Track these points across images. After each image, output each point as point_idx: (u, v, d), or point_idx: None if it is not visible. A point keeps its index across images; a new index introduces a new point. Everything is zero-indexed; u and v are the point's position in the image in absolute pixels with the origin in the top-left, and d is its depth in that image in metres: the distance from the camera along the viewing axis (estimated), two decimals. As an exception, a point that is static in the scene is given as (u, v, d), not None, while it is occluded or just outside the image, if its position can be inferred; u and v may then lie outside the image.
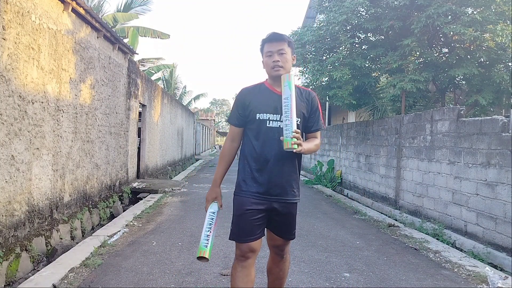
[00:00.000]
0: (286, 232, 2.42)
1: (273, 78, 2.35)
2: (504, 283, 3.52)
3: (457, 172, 5.39)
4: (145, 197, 8.11)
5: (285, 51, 2.32)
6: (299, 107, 2.31)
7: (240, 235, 2.32)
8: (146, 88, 10.26)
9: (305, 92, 2.44)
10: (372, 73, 9.17)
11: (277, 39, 2.33)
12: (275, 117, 2.29)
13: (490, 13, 6.66)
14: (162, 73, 22.50)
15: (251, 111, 2.33)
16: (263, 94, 2.36)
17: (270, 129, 2.29)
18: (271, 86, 2.38)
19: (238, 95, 2.43)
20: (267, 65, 2.35)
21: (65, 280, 3.35)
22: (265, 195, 2.30)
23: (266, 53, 2.35)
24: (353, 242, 4.96)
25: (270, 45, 2.33)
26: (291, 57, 2.37)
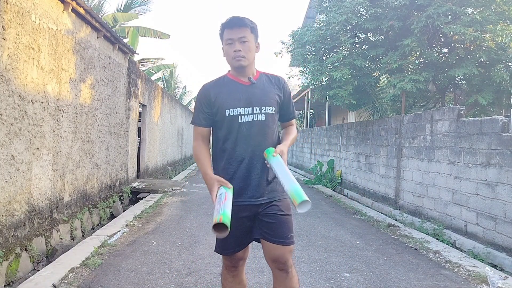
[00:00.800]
0: (281, 234, 2.08)
1: (236, 69, 2.11)
2: (504, 283, 3.52)
3: (457, 172, 5.39)
4: (145, 197, 8.11)
5: (248, 38, 2.05)
6: (271, 94, 2.12)
7: (226, 248, 2.13)
8: (146, 88, 10.26)
9: (274, 78, 2.20)
10: (372, 73, 9.17)
11: (238, 25, 2.05)
12: (247, 110, 2.06)
13: (490, 13, 6.67)
14: (162, 73, 22.50)
15: (218, 108, 2.08)
16: (229, 87, 2.11)
17: (243, 125, 2.06)
18: (235, 78, 2.13)
19: (200, 92, 2.16)
20: (227, 54, 2.08)
21: (65, 280, 3.35)
22: (248, 199, 2.07)
23: (226, 41, 2.07)
24: (353, 242, 4.96)
25: (231, 32, 2.05)
26: (254, 45, 2.10)
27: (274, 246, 2.07)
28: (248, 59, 2.07)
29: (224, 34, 2.09)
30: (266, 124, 2.09)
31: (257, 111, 2.08)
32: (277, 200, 2.11)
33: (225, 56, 2.12)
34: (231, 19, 2.07)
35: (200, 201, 7.76)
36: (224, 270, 2.25)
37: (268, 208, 2.08)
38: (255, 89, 2.11)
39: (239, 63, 2.06)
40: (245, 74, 2.12)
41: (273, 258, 2.10)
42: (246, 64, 2.08)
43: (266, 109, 2.09)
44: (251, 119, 2.07)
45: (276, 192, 2.12)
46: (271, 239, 2.08)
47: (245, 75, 2.12)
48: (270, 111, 2.10)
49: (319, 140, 13.40)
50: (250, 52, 2.07)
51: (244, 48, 2.05)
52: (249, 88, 2.10)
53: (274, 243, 2.07)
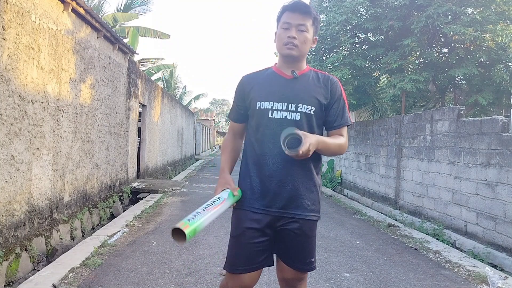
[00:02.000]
0: (296, 259, 1.80)
1: (284, 57, 1.85)
2: (504, 283, 3.52)
3: (457, 172, 5.39)
4: (145, 197, 8.11)
5: (307, 28, 1.79)
6: (313, 92, 1.83)
7: (234, 264, 1.79)
8: (146, 88, 10.26)
9: (323, 77, 1.89)
10: (372, 73, 9.18)
11: (302, 11, 1.78)
12: (280, 106, 1.79)
13: (490, 13, 6.67)
14: (162, 73, 22.50)
15: (251, 100, 1.85)
16: (268, 79, 1.87)
17: (272, 121, 1.79)
18: (278, 70, 1.88)
19: (238, 83, 1.95)
20: (279, 39, 1.82)
21: (65, 280, 3.35)
22: (266, 208, 1.78)
23: (283, 24, 1.80)
24: (353, 242, 4.96)
25: (291, 16, 1.79)
26: (312, 38, 1.84)
27: (286, 268, 1.84)
28: (300, 50, 1.80)
29: (282, 17, 1.82)
30: (300, 124, 1.76)
31: (292, 108, 1.79)
32: (301, 217, 1.79)
33: (275, 41, 1.86)
34: (296, 2, 1.80)
35: (200, 201, 7.75)
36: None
37: (287, 225, 1.78)
38: (296, 84, 1.83)
39: (290, 51, 1.79)
40: (291, 66, 1.85)
41: (282, 278, 1.88)
42: (297, 55, 1.81)
43: (303, 108, 1.79)
44: (284, 116, 1.79)
45: (301, 209, 1.80)
46: (285, 259, 1.83)
47: (291, 67, 1.85)
48: (307, 110, 1.80)
49: (319, 140, 13.39)
50: (305, 44, 1.81)
51: (300, 37, 1.78)
52: (289, 82, 1.83)
53: (289, 266, 1.83)
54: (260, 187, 1.80)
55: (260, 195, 1.80)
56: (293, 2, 1.81)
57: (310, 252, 1.83)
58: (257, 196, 1.80)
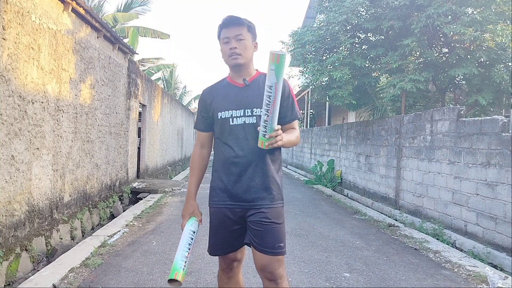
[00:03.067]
0: (266, 244, 1.99)
1: (232, 68, 2.07)
2: (504, 283, 3.52)
3: (457, 172, 5.39)
4: (145, 197, 8.11)
5: (244, 36, 2.01)
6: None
7: (218, 248, 2.15)
8: (146, 88, 10.26)
9: None
10: (372, 73, 9.17)
11: (235, 24, 2.02)
12: (238, 113, 2.02)
13: (490, 13, 6.67)
14: (162, 73, 22.51)
15: (213, 111, 2.08)
16: (224, 90, 2.10)
17: (234, 127, 2.03)
18: (232, 80, 2.11)
19: (200, 97, 2.20)
20: (224, 53, 2.05)
21: (65, 280, 3.35)
22: (238, 202, 2.04)
23: (223, 40, 2.04)
24: (353, 242, 4.96)
25: (227, 31, 2.02)
26: (251, 43, 2.07)
27: (261, 255, 2.01)
28: (244, 57, 2.02)
29: (221, 34, 2.06)
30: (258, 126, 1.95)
31: (248, 113, 2.02)
32: (266, 207, 2.02)
33: (222, 56, 2.08)
34: (227, 18, 2.04)
35: (200, 201, 7.71)
36: (219, 270, 2.24)
37: (255, 215, 2.01)
38: (248, 91, 2.05)
39: (235, 61, 2.01)
40: (241, 75, 2.08)
41: (260, 266, 2.04)
42: (243, 62, 2.03)
43: (258, 111, 2.00)
44: (243, 121, 2.02)
45: (265, 200, 2.03)
46: (257, 247, 2.02)
47: (242, 75, 2.08)
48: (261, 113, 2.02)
49: (319, 140, 13.40)
50: (246, 50, 2.02)
51: (240, 45, 2.01)
52: (242, 90, 2.06)
53: (261, 252, 2.01)
54: (231, 185, 2.05)
55: (231, 192, 2.06)
56: (225, 18, 2.05)
57: (279, 237, 2.02)
58: (229, 193, 2.07)
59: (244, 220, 2.06)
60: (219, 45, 2.11)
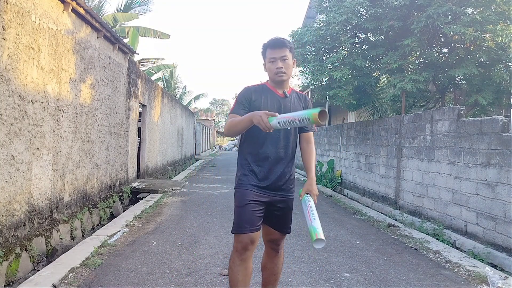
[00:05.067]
0: (283, 225, 2.54)
1: (277, 83, 2.48)
2: (504, 283, 3.52)
3: (457, 172, 5.39)
4: (145, 197, 8.11)
5: (288, 57, 2.43)
6: (297, 108, 2.49)
7: (242, 226, 2.38)
8: (146, 88, 10.26)
9: (302, 96, 2.62)
10: (372, 73, 9.17)
11: (280, 46, 2.42)
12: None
13: (490, 13, 6.66)
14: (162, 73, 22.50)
15: (256, 107, 2.39)
16: (267, 94, 2.48)
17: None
18: (273, 88, 2.50)
19: (243, 91, 2.51)
20: (270, 70, 2.46)
21: (65, 280, 3.35)
22: (266, 190, 2.43)
23: (269, 59, 2.44)
24: (353, 242, 4.96)
25: (273, 51, 2.42)
26: (292, 62, 2.48)
27: (274, 231, 2.54)
28: (287, 74, 2.46)
29: (267, 53, 2.47)
30: (290, 132, 2.48)
31: None
32: (288, 197, 2.51)
33: (267, 71, 2.50)
34: (274, 40, 2.45)
35: (200, 201, 7.76)
36: (233, 253, 2.42)
37: (280, 202, 2.48)
38: (287, 102, 2.49)
39: (281, 78, 2.43)
40: (281, 87, 2.50)
41: (270, 239, 2.57)
42: (286, 79, 2.46)
43: None
44: None
45: (287, 191, 2.51)
46: (274, 226, 2.53)
47: (282, 88, 2.50)
48: None
49: (319, 140, 13.40)
50: (289, 68, 2.45)
51: (285, 65, 2.43)
52: (283, 99, 2.48)
53: (275, 229, 2.54)
54: (261, 174, 2.44)
55: (261, 180, 2.44)
56: (272, 40, 2.46)
57: (290, 220, 2.59)
58: (259, 181, 2.44)
59: (266, 205, 2.45)
60: (263, 60, 2.53)
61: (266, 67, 2.51)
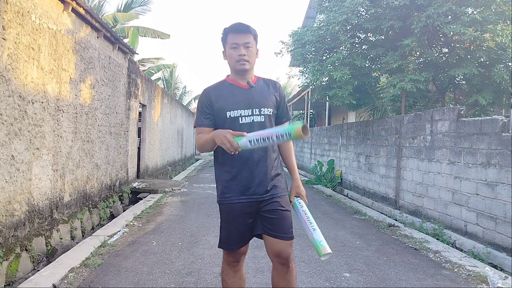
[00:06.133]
0: (283, 229, 2.20)
1: (237, 72, 2.21)
2: (504, 283, 3.52)
3: (457, 172, 5.39)
4: (145, 197, 8.11)
5: (251, 44, 2.18)
6: (268, 96, 2.24)
7: (230, 243, 2.23)
8: (146, 88, 10.26)
9: (270, 82, 2.33)
10: (372, 73, 9.17)
11: (244, 31, 2.17)
12: (246, 112, 2.16)
13: (490, 13, 6.66)
14: (162, 73, 22.52)
15: (220, 109, 2.16)
16: (229, 90, 2.21)
17: (243, 126, 2.13)
18: (235, 81, 2.23)
19: (202, 95, 2.26)
20: (231, 57, 2.18)
21: (65, 280, 3.35)
22: (251, 195, 2.17)
23: (231, 45, 2.17)
24: (353, 242, 4.96)
25: (236, 37, 2.16)
26: (255, 51, 2.24)
27: (276, 241, 2.17)
28: (251, 63, 2.20)
29: (228, 38, 2.19)
30: (265, 124, 2.18)
31: (256, 112, 2.18)
32: (279, 196, 2.22)
33: (227, 59, 2.22)
34: (237, 24, 2.19)
35: (200, 201, 7.75)
36: (225, 265, 2.32)
37: (269, 204, 2.18)
38: (254, 92, 2.22)
39: (243, 66, 2.17)
40: (245, 78, 2.22)
41: (275, 252, 2.18)
42: (249, 68, 2.19)
43: (265, 111, 2.20)
44: (251, 120, 2.16)
45: (277, 189, 2.23)
46: (273, 234, 2.18)
47: (245, 78, 2.22)
48: (268, 112, 2.21)
49: (319, 140, 13.40)
50: (252, 57, 2.20)
51: (248, 53, 2.17)
52: (248, 91, 2.21)
53: (276, 237, 2.17)
54: (245, 181, 2.16)
55: (244, 188, 2.16)
56: (234, 25, 2.19)
57: (290, 222, 2.23)
58: (242, 189, 2.17)
59: (257, 213, 2.20)
60: (223, 47, 2.24)
61: (226, 55, 2.22)
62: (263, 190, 2.18)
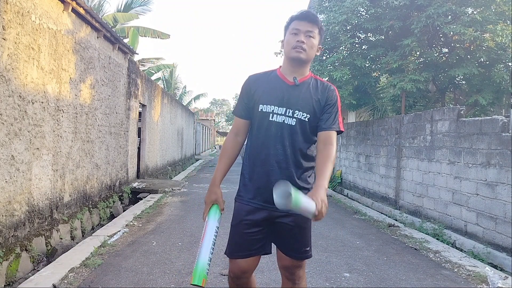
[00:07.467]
0: (293, 248, 1.97)
1: (291, 61, 1.95)
2: (504, 283, 3.52)
3: (457, 172, 5.39)
4: (145, 197, 8.11)
5: (314, 35, 1.93)
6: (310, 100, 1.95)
7: (232, 250, 2.00)
8: (146, 88, 10.26)
9: (322, 84, 2.02)
10: (372, 73, 9.18)
11: (310, 20, 1.93)
12: (280, 110, 1.93)
13: (490, 13, 6.67)
14: (162, 73, 22.50)
15: (255, 101, 1.98)
16: (271, 82, 1.99)
17: (272, 124, 1.94)
18: (281, 75, 2.00)
19: (244, 82, 2.07)
20: (288, 43, 1.94)
21: (65, 280, 3.35)
22: (263, 203, 1.93)
23: (292, 30, 1.93)
24: (353, 242, 4.96)
25: (300, 23, 1.92)
26: (317, 43, 1.97)
27: (284, 256, 2.02)
28: (308, 54, 1.93)
29: (291, 25, 1.96)
30: (295, 130, 1.93)
31: (289, 113, 1.94)
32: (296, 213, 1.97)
33: (284, 46, 1.99)
34: (304, 12, 1.96)
35: (200, 201, 7.75)
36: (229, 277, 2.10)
37: (283, 218, 1.93)
38: (296, 91, 1.95)
39: (298, 54, 1.90)
40: (295, 71, 1.97)
41: (282, 266, 2.06)
42: (305, 58, 1.93)
43: (299, 114, 1.93)
44: (282, 120, 1.93)
45: None
46: (282, 249, 2.02)
47: (295, 72, 1.97)
48: (302, 117, 1.94)
49: (319, 140, 13.39)
50: (312, 49, 1.94)
51: (308, 42, 1.91)
52: (290, 88, 1.96)
53: (284, 253, 2.01)
54: (259, 183, 1.95)
55: (258, 190, 1.95)
56: (301, 11, 1.96)
57: (305, 242, 1.99)
58: (256, 192, 1.96)
59: (268, 222, 1.96)
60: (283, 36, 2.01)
61: (284, 41, 1.98)
62: None
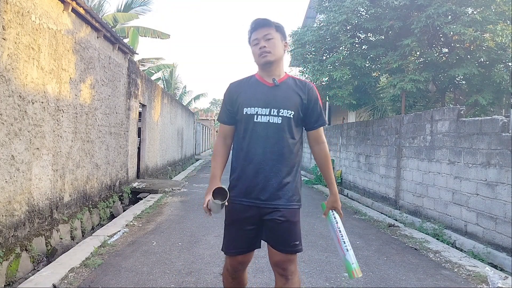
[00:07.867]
0: (283, 243, 2.06)
1: (262, 67, 2.10)
2: (504, 283, 3.52)
3: (457, 172, 5.39)
4: (145, 197, 8.11)
5: (272, 35, 2.06)
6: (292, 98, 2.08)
7: (228, 247, 2.14)
8: (146, 88, 10.26)
9: (301, 82, 2.16)
10: (372, 73, 9.18)
11: (263, 25, 2.07)
12: (264, 111, 2.05)
13: (490, 13, 6.67)
14: (162, 73, 22.50)
15: (238, 106, 2.10)
16: (252, 87, 2.12)
17: (258, 125, 2.05)
18: (261, 78, 2.14)
19: (226, 90, 2.20)
20: (254, 54, 2.10)
21: (65, 280, 3.35)
22: (253, 200, 2.05)
23: (253, 42, 2.10)
24: (353, 242, 4.96)
25: (256, 33, 2.08)
26: (281, 42, 2.11)
27: (275, 252, 2.08)
28: (274, 54, 2.05)
29: (251, 37, 2.12)
30: (282, 127, 2.04)
31: (274, 113, 2.04)
32: (282, 206, 2.05)
33: (254, 58, 2.13)
34: (255, 21, 2.10)
35: (200, 201, 7.75)
36: (225, 271, 2.26)
37: (271, 213, 2.04)
38: (277, 91, 2.08)
39: (265, 58, 2.05)
40: (271, 74, 2.10)
41: (274, 262, 2.12)
42: (273, 59, 2.06)
43: (284, 112, 2.05)
44: (267, 120, 2.04)
45: (282, 199, 2.05)
46: (273, 244, 2.10)
47: (271, 74, 2.10)
48: (288, 114, 2.05)
49: (319, 140, 13.38)
50: (276, 47, 2.06)
51: (269, 44, 2.05)
52: (271, 89, 2.08)
53: (275, 249, 2.08)
54: (248, 182, 2.06)
55: (247, 189, 2.06)
56: (253, 22, 2.11)
57: (294, 236, 2.07)
58: (246, 191, 2.07)
59: (260, 220, 2.07)
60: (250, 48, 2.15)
61: (252, 54, 2.14)
62: (265, 196, 2.04)
